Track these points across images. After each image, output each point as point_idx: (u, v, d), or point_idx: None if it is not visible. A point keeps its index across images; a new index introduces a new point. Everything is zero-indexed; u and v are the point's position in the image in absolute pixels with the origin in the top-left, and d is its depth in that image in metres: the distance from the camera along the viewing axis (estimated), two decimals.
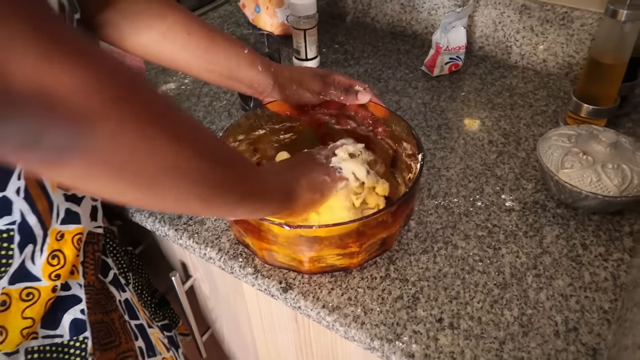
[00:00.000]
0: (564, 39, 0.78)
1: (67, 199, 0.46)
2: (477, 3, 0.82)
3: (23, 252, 0.42)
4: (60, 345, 0.47)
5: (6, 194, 0.41)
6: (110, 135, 0.26)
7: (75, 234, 0.47)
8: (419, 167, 0.50)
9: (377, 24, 0.96)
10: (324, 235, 0.46)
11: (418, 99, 0.77)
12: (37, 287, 0.44)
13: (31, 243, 0.43)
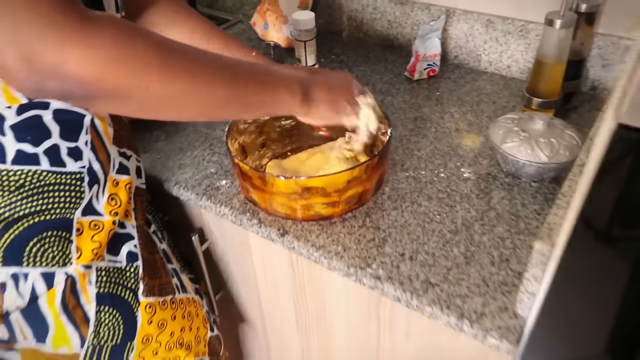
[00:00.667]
0: (523, 47, 0.92)
1: (120, 155, 0.61)
2: (449, 18, 0.97)
3: (91, 191, 0.57)
4: (120, 270, 0.61)
5: (78, 144, 0.55)
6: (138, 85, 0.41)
7: (126, 183, 0.61)
8: (388, 137, 0.64)
9: (368, 38, 1.12)
10: (312, 185, 0.60)
11: (400, 98, 0.92)
12: (101, 220, 0.58)
13: (96, 184, 0.58)
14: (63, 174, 0.55)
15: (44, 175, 0.53)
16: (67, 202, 0.55)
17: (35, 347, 0.56)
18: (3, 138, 0.51)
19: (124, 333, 0.61)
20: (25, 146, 0.52)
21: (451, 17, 0.97)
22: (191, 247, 0.80)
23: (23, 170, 0.52)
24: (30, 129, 0.52)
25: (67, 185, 0.55)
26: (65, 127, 0.55)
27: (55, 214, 0.54)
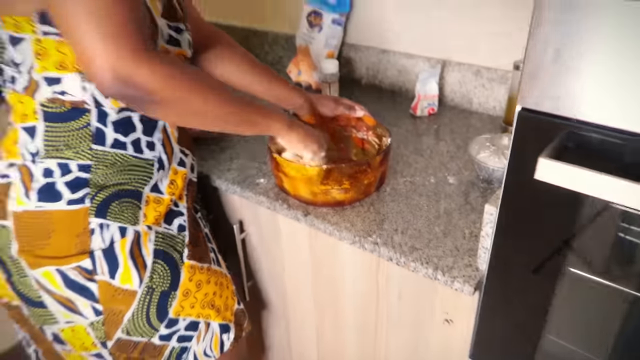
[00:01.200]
0: (504, 91, 1.15)
1: (180, 152, 0.83)
2: (445, 68, 1.21)
3: (158, 174, 0.78)
4: (172, 235, 0.82)
5: (153, 139, 0.77)
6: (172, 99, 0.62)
7: (183, 174, 0.83)
8: (388, 142, 0.86)
9: (382, 84, 1.36)
10: (327, 174, 0.81)
11: (404, 129, 1.14)
12: (162, 197, 0.79)
13: (162, 170, 0.79)
14: (141, 159, 0.77)
15: (128, 158, 0.75)
16: (141, 180, 0.77)
17: (108, 280, 0.75)
18: (105, 129, 0.72)
19: (170, 283, 0.80)
20: (119, 136, 0.74)
21: (447, 67, 1.21)
22: (229, 241, 1.01)
23: (116, 153, 0.74)
24: (123, 125, 0.74)
25: (143, 168, 0.77)
26: (146, 126, 0.77)
27: (132, 186, 0.76)
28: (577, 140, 0.53)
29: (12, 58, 0.67)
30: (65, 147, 0.70)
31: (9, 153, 0.72)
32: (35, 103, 0.69)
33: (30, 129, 0.70)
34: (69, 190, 0.71)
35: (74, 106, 0.69)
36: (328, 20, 1.30)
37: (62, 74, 0.66)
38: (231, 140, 1.10)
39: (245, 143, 1.09)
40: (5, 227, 0.71)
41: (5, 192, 0.71)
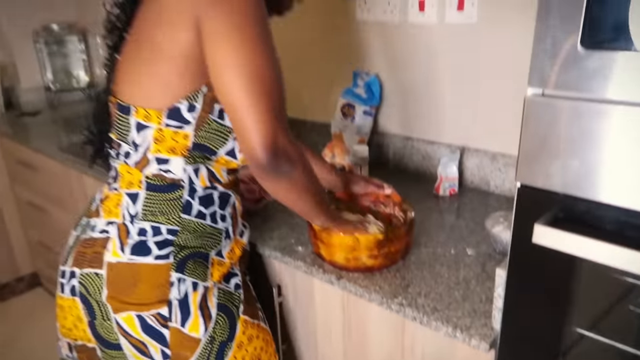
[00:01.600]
0: None
1: (242, 224, 0.97)
2: (464, 154, 1.35)
3: (224, 242, 0.92)
4: (230, 292, 0.93)
5: (225, 213, 0.92)
6: (298, 177, 0.78)
7: (242, 244, 0.96)
8: (412, 216, 0.98)
9: (407, 167, 1.51)
10: (359, 242, 0.93)
11: (427, 207, 1.26)
12: (223, 261, 0.92)
13: (228, 239, 0.93)
14: (215, 228, 0.91)
15: (206, 226, 0.90)
16: (212, 245, 0.91)
17: (179, 328, 0.86)
18: (193, 202, 0.88)
19: (228, 334, 0.91)
20: (202, 208, 0.89)
21: (466, 153, 1.35)
22: (266, 303, 1.11)
23: (198, 221, 0.88)
24: (205, 199, 0.89)
25: (214, 235, 0.91)
26: (222, 202, 0.92)
27: (204, 250, 0.89)
28: (566, 210, 0.65)
29: (133, 139, 0.84)
30: (160, 213, 0.86)
31: (109, 213, 0.88)
32: (142, 175, 0.85)
33: (133, 195, 0.86)
34: (157, 248, 0.85)
35: (172, 182, 0.85)
36: (360, 112, 1.48)
37: (170, 157, 0.84)
38: (274, 214, 1.25)
39: (285, 215, 1.23)
40: (99, 275, 0.85)
41: (103, 245, 0.85)
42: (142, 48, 0.81)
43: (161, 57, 0.78)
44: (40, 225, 2.26)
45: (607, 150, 0.59)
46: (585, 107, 0.59)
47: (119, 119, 0.86)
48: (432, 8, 1.31)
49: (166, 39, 0.77)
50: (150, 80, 0.81)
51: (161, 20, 0.78)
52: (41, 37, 2.46)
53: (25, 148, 2.08)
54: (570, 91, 0.60)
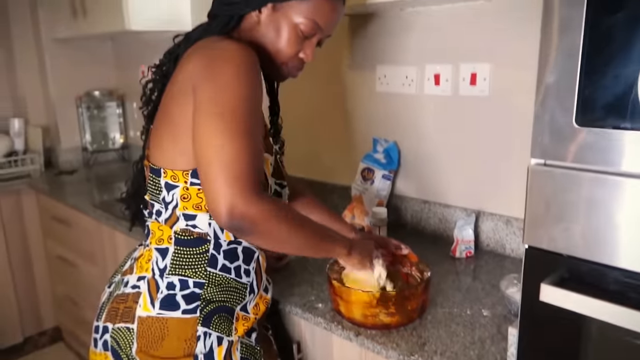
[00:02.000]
0: None
1: (266, 280, 1.03)
2: (480, 218, 1.40)
3: (248, 298, 0.97)
4: (252, 346, 0.97)
5: (249, 268, 0.98)
6: (267, 231, 0.82)
7: (266, 299, 1.02)
8: (429, 274, 1.03)
9: (425, 229, 1.56)
10: (377, 299, 0.97)
11: (444, 268, 1.30)
12: (248, 316, 0.97)
13: (252, 294, 0.98)
14: (239, 282, 0.97)
15: (230, 280, 0.95)
16: (237, 299, 0.96)
17: None
18: (218, 256, 0.94)
19: None
20: (226, 262, 0.95)
21: (481, 217, 1.41)
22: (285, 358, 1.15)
23: (223, 275, 0.94)
24: (230, 254, 0.96)
25: (239, 290, 0.97)
26: (246, 256, 0.98)
27: (230, 304, 0.95)
28: (571, 271, 0.69)
29: (164, 198, 0.93)
30: (187, 267, 0.92)
31: (141, 269, 0.95)
32: (171, 231, 0.93)
33: (163, 250, 0.93)
34: (185, 302, 0.90)
35: (199, 236, 0.93)
36: (379, 176, 1.56)
37: (197, 213, 0.92)
38: (295, 271, 1.30)
39: (305, 273, 1.28)
40: (131, 330, 0.90)
41: (135, 300, 0.92)
42: (165, 120, 0.93)
43: (178, 128, 0.89)
44: (68, 279, 2.33)
45: (604, 215, 0.65)
46: (582, 177, 0.66)
47: (151, 181, 0.96)
48: (446, 82, 1.42)
49: (180, 113, 0.88)
50: (173, 147, 0.91)
51: (175, 96, 0.90)
52: (84, 102, 2.66)
53: (61, 204, 2.20)
54: (568, 162, 0.67)
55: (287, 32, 0.96)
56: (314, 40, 1.00)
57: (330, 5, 0.97)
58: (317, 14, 0.96)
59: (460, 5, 1.36)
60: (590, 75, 0.63)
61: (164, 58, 1.02)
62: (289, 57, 0.99)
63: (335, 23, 1.01)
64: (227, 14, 0.97)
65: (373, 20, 1.58)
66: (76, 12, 2.24)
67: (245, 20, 0.98)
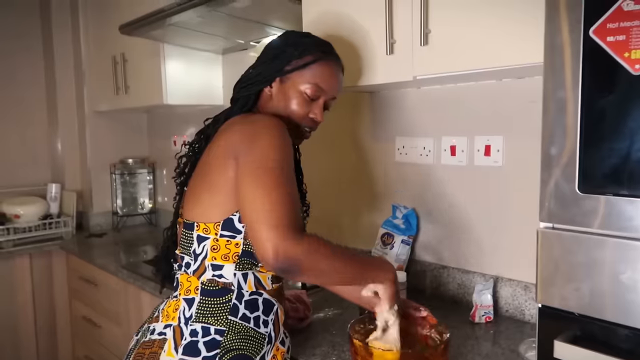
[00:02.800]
0: None
1: (283, 333, 1.07)
2: (498, 283, 1.43)
3: (266, 347, 1.01)
4: None
5: (268, 319, 1.02)
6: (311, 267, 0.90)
7: (282, 352, 1.06)
8: (448, 336, 1.06)
9: (444, 294, 1.58)
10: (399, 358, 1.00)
11: (463, 333, 1.32)
12: None
13: (269, 345, 1.02)
14: (258, 332, 1.02)
15: (249, 329, 1.01)
16: (255, 349, 1.00)
17: None
18: (240, 305, 1.00)
19: None
20: (247, 312, 1.01)
21: (499, 283, 1.44)
22: None
23: (243, 324, 1.00)
24: (251, 304, 1.02)
25: (257, 340, 1.01)
26: (265, 308, 1.04)
27: (249, 353, 0.99)
28: (583, 329, 0.73)
29: (194, 250, 1.02)
30: (210, 315, 0.98)
31: (167, 317, 1.01)
32: (198, 282, 1.00)
33: (190, 300, 1.00)
34: (206, 349, 0.96)
35: (224, 286, 1.00)
36: (398, 241, 1.62)
37: (224, 263, 1.00)
38: (317, 332, 1.33)
39: (327, 334, 1.32)
40: None
41: (160, 346, 0.97)
42: (203, 184, 1.05)
43: (217, 188, 1.01)
44: (90, 340, 2.37)
45: (610, 276, 0.70)
46: (588, 239, 0.72)
47: (184, 235, 1.06)
48: (462, 153, 1.51)
49: (219, 174, 1.01)
50: (211, 202, 1.02)
51: (214, 166, 1.03)
52: (117, 169, 2.82)
53: (90, 265, 2.28)
54: (574, 225, 0.73)
55: (296, 98, 1.13)
56: (320, 102, 1.16)
57: (329, 71, 1.15)
58: (318, 78, 1.13)
59: (473, 83, 1.48)
60: (589, 148, 0.71)
61: (196, 137, 1.19)
62: (300, 118, 1.14)
63: (336, 85, 1.18)
64: (246, 94, 1.16)
65: (392, 96, 1.71)
66: (119, 89, 2.45)
67: (261, 97, 1.17)
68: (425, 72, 1.27)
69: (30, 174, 2.84)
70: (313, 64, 1.13)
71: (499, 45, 1.12)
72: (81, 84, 2.79)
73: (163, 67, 2.19)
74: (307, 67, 1.12)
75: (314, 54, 1.14)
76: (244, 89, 1.16)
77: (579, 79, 0.71)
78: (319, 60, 1.14)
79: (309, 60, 1.13)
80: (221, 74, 2.41)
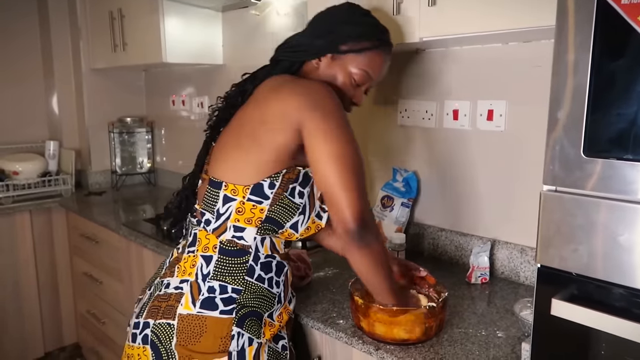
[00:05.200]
0: None
1: (291, 293, 1.11)
2: (495, 246, 1.46)
3: (275, 307, 1.05)
4: (278, 352, 1.04)
5: (279, 280, 1.06)
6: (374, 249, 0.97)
7: (289, 310, 1.09)
8: (446, 294, 1.09)
9: (441, 256, 1.62)
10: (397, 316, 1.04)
11: (459, 293, 1.36)
12: (274, 323, 1.04)
13: (279, 304, 1.06)
14: (271, 293, 1.05)
15: (264, 290, 1.04)
16: (265, 307, 1.04)
17: None
18: (256, 267, 1.03)
19: None
20: (262, 273, 1.04)
21: (496, 246, 1.47)
22: None
23: (258, 284, 1.03)
24: (266, 266, 1.05)
25: (270, 299, 1.05)
26: (278, 269, 1.07)
27: (260, 310, 1.02)
28: (580, 288, 0.76)
29: (218, 209, 1.02)
30: (228, 274, 1.01)
31: (184, 272, 1.03)
32: (217, 241, 1.02)
33: (208, 257, 1.02)
34: (223, 304, 0.99)
35: (242, 248, 1.02)
36: (398, 203, 1.64)
37: (246, 226, 1.01)
38: (317, 290, 1.37)
39: (327, 292, 1.35)
40: (171, 325, 0.98)
41: (177, 299, 1.00)
42: (242, 139, 1.03)
43: (258, 148, 1.00)
44: (92, 296, 2.41)
45: (609, 238, 0.72)
46: (589, 202, 0.73)
47: (208, 192, 1.05)
48: (464, 117, 1.51)
49: (267, 137, 1.00)
50: (245, 162, 1.01)
51: (265, 122, 1.00)
52: (116, 127, 2.80)
53: (91, 222, 2.30)
54: (577, 189, 0.75)
55: (342, 79, 1.10)
56: (363, 88, 1.14)
57: (381, 59, 1.13)
58: (369, 66, 1.11)
59: (478, 46, 1.46)
60: (596, 112, 0.72)
61: (232, 92, 1.15)
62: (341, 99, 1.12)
63: (384, 74, 1.17)
64: (290, 59, 1.12)
65: (396, 58, 1.69)
66: (116, 46, 2.40)
67: (305, 66, 1.12)
68: (432, 33, 1.25)
69: (28, 131, 2.83)
70: (369, 51, 1.10)
71: (509, 6, 1.10)
72: (77, 41, 2.73)
73: (162, 23, 2.14)
74: (362, 53, 1.09)
75: (372, 40, 1.11)
76: (289, 54, 1.12)
77: (591, 42, 0.71)
78: (375, 48, 1.11)
79: (366, 46, 1.10)
80: (221, 32, 2.36)
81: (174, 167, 2.83)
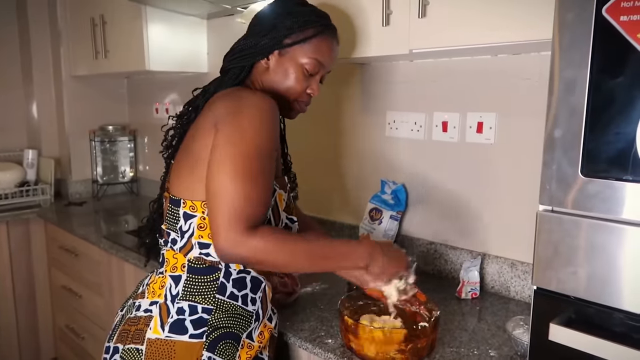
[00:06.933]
0: None
1: (271, 310, 1.06)
2: (485, 260, 1.44)
3: (253, 325, 1.00)
4: None
5: (256, 297, 1.02)
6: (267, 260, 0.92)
7: (270, 328, 1.05)
8: (438, 314, 1.06)
9: (431, 270, 1.59)
10: (389, 337, 1.00)
11: (450, 309, 1.33)
12: (252, 344, 1.00)
13: (257, 322, 1.02)
14: (246, 310, 1.01)
15: (237, 308, 0.99)
16: (241, 327, 0.99)
17: None
18: (227, 284, 0.99)
19: None
20: (234, 290, 1.00)
21: (486, 260, 1.45)
22: None
23: (230, 302, 0.99)
24: (239, 282, 1.00)
25: (245, 318, 1.00)
26: (253, 285, 1.03)
27: (235, 330, 0.98)
28: (578, 312, 0.73)
29: (181, 227, 0.98)
30: (197, 294, 0.97)
31: (153, 294, 0.99)
32: (185, 259, 0.98)
33: (176, 277, 0.98)
34: (193, 327, 0.94)
35: (211, 264, 0.98)
36: (387, 216, 1.61)
37: (211, 242, 0.96)
38: (305, 306, 1.33)
39: (315, 309, 1.31)
40: (139, 350, 0.94)
41: (147, 323, 0.95)
42: (187, 157, 1.02)
43: (200, 162, 0.97)
44: (71, 310, 2.34)
45: (608, 260, 0.69)
46: (588, 223, 0.71)
47: (170, 211, 1.02)
48: (453, 129, 1.49)
49: (199, 147, 0.98)
50: (193, 179, 0.99)
51: (198, 136, 1.00)
52: (97, 135, 2.73)
53: (70, 235, 2.23)
54: (574, 209, 0.73)
55: (295, 72, 1.08)
56: (317, 77, 1.12)
57: (328, 43, 1.11)
58: (318, 53, 1.09)
59: (467, 58, 1.45)
60: (594, 131, 0.70)
61: (184, 109, 1.14)
62: (298, 94, 1.11)
63: (334, 59, 1.15)
64: (239, 65, 1.10)
65: (384, 68, 1.67)
66: (98, 53, 2.35)
67: (255, 69, 1.11)
68: (421, 45, 1.23)
69: (5, 139, 2.74)
70: (314, 37, 1.08)
71: (500, 20, 1.08)
72: (57, 47, 2.67)
73: (145, 30, 2.09)
74: (307, 41, 1.08)
75: (314, 27, 1.09)
76: (237, 60, 1.11)
77: (589, 59, 0.69)
78: (319, 34, 1.09)
79: (310, 34, 1.08)
80: (206, 40, 2.32)
81: (157, 176, 2.73)
